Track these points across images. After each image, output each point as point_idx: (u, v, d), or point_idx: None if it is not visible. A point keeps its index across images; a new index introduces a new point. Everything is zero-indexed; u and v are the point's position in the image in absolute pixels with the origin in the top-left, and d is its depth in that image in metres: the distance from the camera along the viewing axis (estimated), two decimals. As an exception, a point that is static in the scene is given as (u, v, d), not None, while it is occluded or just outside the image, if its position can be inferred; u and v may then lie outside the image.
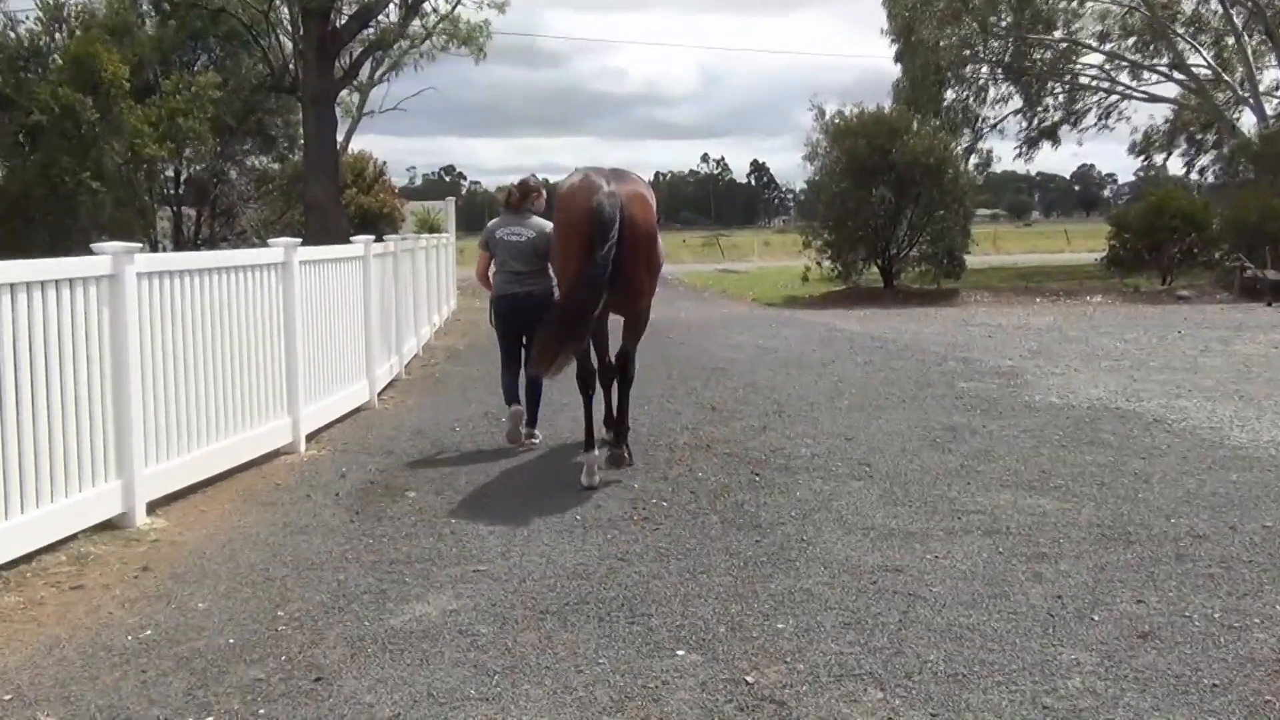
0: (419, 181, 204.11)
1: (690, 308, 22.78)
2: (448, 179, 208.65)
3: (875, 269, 25.81)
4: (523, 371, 8.71)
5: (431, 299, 17.44)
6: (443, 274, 20.51)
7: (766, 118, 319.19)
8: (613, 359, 7.96)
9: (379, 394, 11.06)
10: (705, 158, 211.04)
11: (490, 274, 8.88)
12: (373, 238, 11.32)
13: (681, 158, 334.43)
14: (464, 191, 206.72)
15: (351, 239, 10.99)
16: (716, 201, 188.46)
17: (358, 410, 10.34)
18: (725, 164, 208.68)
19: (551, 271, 8.48)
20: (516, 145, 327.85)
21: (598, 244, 6.98)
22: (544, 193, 9.12)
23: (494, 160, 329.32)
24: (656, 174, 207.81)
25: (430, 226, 27.27)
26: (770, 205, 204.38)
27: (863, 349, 14.72)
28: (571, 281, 7.20)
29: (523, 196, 8.88)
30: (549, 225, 8.55)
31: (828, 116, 26.17)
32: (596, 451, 7.42)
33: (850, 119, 25.21)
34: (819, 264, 25.38)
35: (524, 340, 8.65)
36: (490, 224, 9.02)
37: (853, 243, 24.55)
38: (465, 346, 16.29)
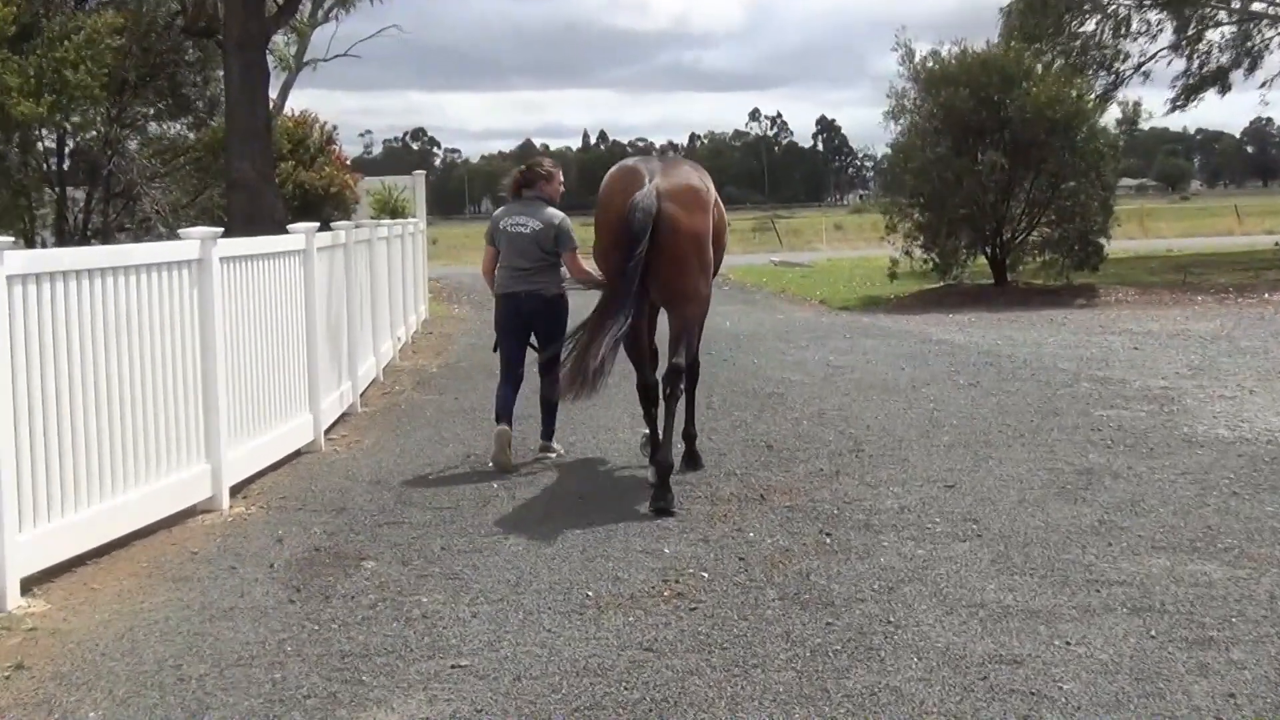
0: (377, 150, 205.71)
1: (738, 314, 22.79)
2: (416, 147, 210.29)
3: (983, 260, 25.71)
4: (541, 380, 9.80)
5: (395, 306, 17.53)
6: (410, 272, 20.62)
7: (835, 62, 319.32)
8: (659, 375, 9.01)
9: (326, 432, 11.11)
10: (755, 115, 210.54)
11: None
12: (317, 225, 11.40)
13: (724, 115, 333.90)
14: (437, 163, 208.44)
15: (289, 227, 11.06)
16: (771, 172, 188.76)
17: (298, 454, 10.39)
18: (782, 123, 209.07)
19: (566, 270, 9.93)
20: (507, 101, 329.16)
21: (625, 249, 8.37)
22: (559, 175, 10.29)
23: (477, 120, 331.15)
24: (691, 137, 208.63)
25: (392, 209, 27.37)
26: (842, 176, 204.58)
27: (967, 366, 14.67)
28: (602, 300, 8.61)
29: (527, 182, 10.06)
30: (559, 216, 9.96)
31: (918, 59, 26.16)
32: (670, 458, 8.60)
33: (948, 61, 25.16)
34: (908, 254, 25.29)
35: (529, 346, 9.94)
36: (496, 213, 10.29)
37: (953, 225, 24.49)
38: (439, 368, 16.35)
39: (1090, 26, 36.70)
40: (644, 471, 9.09)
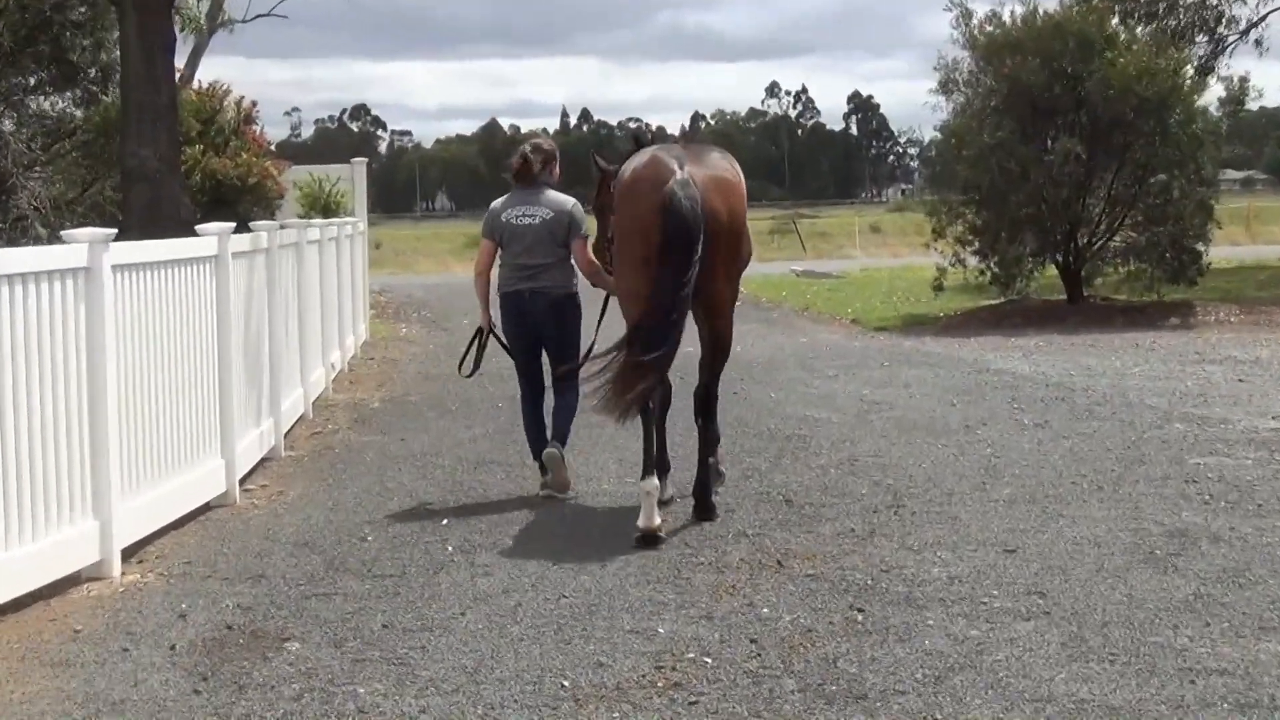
0: (308, 133, 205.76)
1: (751, 335, 22.79)
2: (356, 128, 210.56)
3: (1052, 270, 25.75)
4: (555, 398, 10.77)
5: (329, 325, 17.53)
6: (347, 283, 20.63)
7: (872, 24, 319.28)
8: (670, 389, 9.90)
9: (242, 481, 11.10)
10: (774, 90, 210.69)
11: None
12: (233, 226, 11.40)
13: (735, 90, 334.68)
14: (383, 149, 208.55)
15: (198, 228, 11.06)
16: (793, 161, 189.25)
17: (207, 508, 10.38)
18: (807, 100, 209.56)
19: (576, 265, 10.73)
20: (467, 72, 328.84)
21: (674, 254, 8.98)
22: (558, 157, 11.13)
23: (430, 96, 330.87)
24: (695, 117, 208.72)
25: (325, 206, 27.35)
26: (880, 166, 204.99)
27: (1033, 403, 14.70)
28: (643, 310, 9.17)
29: (543, 163, 10.88)
30: (570, 200, 10.85)
31: (975, 21, 26.24)
32: (657, 480, 9.31)
33: (1012, 24, 25.27)
34: (960, 263, 25.36)
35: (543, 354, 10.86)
36: (495, 203, 11.08)
37: (1016, 227, 24.55)
38: (382, 403, 16.35)
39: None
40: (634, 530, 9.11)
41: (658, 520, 9.03)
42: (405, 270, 49.81)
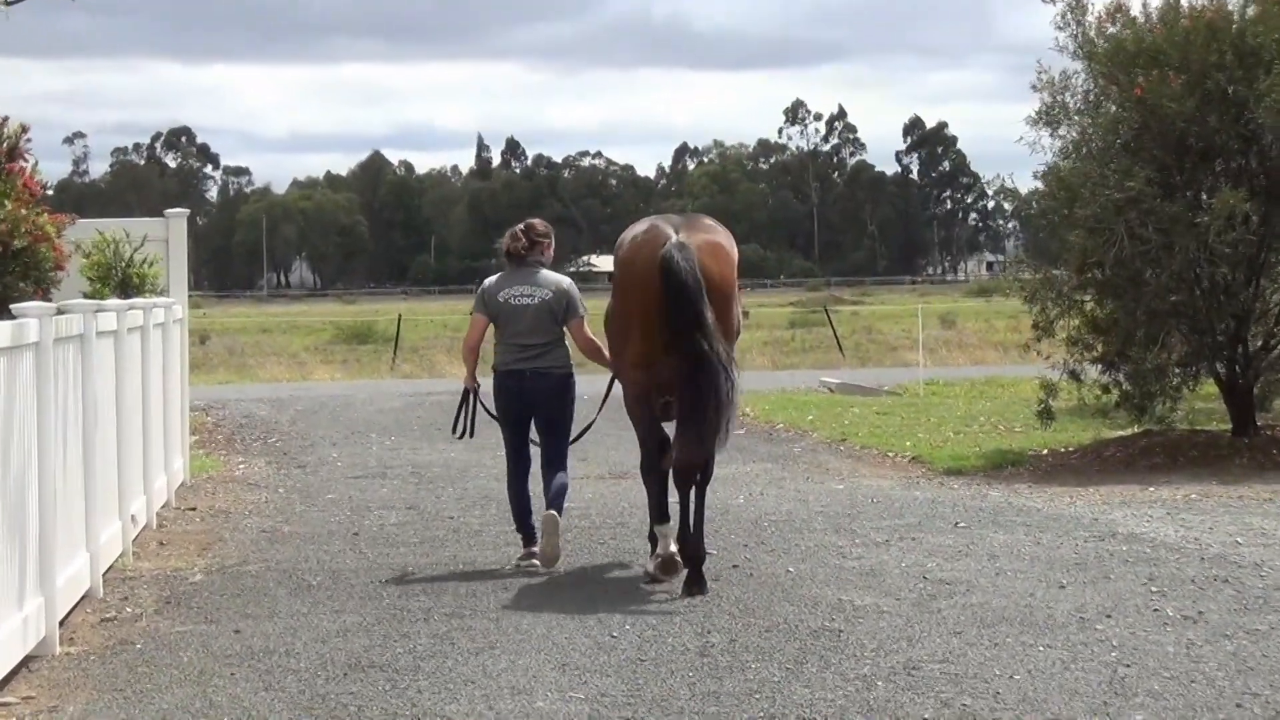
0: (101, 168, 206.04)
1: (761, 479, 22.80)
2: (173, 163, 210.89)
3: (1212, 387, 25.76)
4: (545, 477, 15.49)
5: (130, 459, 17.51)
6: (157, 396, 20.62)
7: (936, 18, 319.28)
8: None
9: (-4, 692, 11.08)
10: (796, 114, 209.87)
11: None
12: (-13, 311, 11.44)
13: (736, 113, 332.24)
14: (212, 194, 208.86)
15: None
16: (825, 217, 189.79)
17: (-57, 732, 10.36)
18: (846, 129, 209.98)
19: (576, 344, 15.59)
20: (333, 83, 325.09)
21: (674, 314, 13.57)
22: (552, 237, 15.98)
23: (279, 118, 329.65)
24: (680, 152, 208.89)
25: (124, 280, 27.35)
26: (955, 227, 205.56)
27: (1180, 585, 14.73)
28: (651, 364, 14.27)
29: (531, 243, 15.44)
30: (566, 280, 15.60)
31: (1091, 17, 26.36)
32: (673, 522, 14.57)
33: (1146, 25, 25.40)
34: (1073, 375, 25.35)
35: (536, 433, 15.58)
36: (488, 282, 15.70)
37: (1156, 323, 24.49)
38: (206, 575, 16.30)
39: None
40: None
41: (673, 547, 14.35)
42: (244, 378, 49.87)
